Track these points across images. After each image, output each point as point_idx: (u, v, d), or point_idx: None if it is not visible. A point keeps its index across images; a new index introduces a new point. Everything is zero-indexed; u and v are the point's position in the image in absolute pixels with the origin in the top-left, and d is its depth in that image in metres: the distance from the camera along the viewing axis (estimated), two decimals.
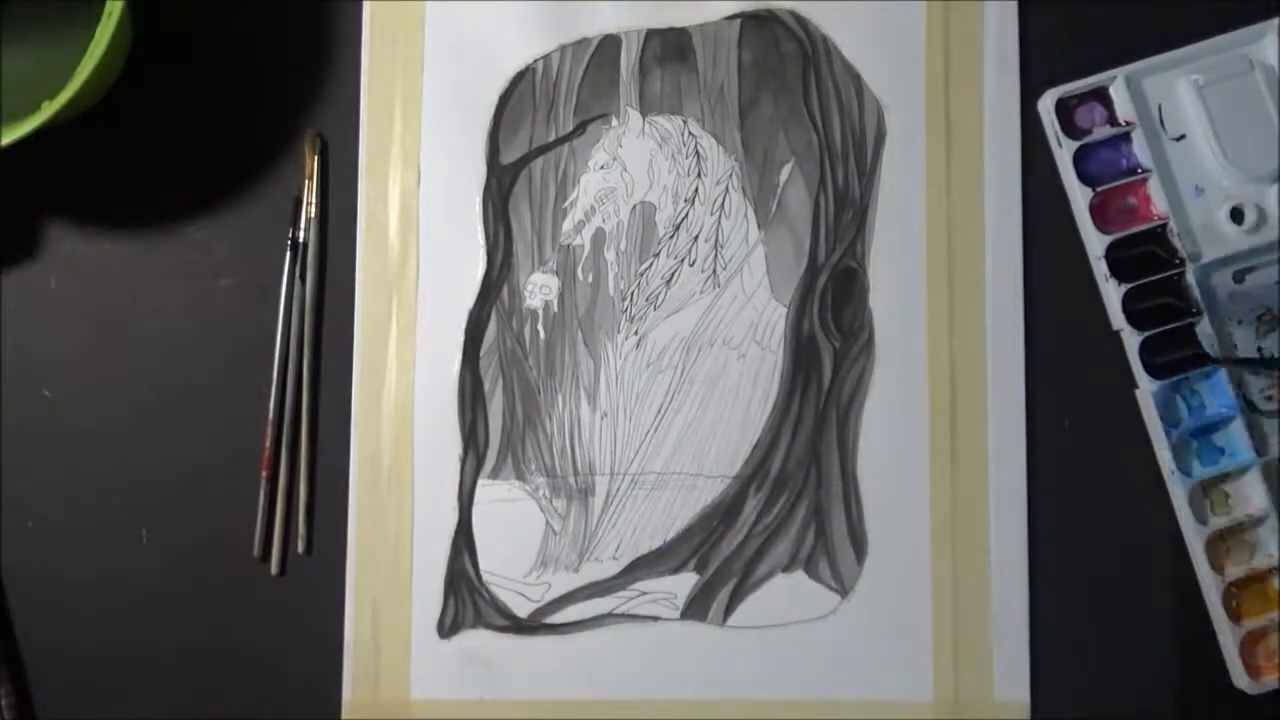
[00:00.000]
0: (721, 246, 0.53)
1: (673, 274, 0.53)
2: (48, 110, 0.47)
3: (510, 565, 0.52)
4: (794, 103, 0.53)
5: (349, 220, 0.53)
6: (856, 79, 0.53)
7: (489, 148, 0.53)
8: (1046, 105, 0.52)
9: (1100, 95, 0.53)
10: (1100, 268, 0.52)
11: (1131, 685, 0.52)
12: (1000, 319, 0.52)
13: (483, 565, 0.52)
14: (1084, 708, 0.51)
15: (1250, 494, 0.52)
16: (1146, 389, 0.51)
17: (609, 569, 0.52)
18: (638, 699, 0.51)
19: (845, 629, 0.51)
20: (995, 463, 0.52)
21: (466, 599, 0.52)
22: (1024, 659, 0.51)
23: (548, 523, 0.52)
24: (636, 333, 0.52)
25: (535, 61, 0.53)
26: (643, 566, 0.52)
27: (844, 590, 0.51)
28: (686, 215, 0.53)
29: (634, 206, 0.53)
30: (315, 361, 0.53)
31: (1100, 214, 0.52)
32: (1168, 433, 0.51)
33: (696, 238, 0.53)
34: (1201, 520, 0.51)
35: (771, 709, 0.51)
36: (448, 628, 0.52)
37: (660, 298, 0.53)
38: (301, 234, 0.53)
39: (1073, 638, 0.51)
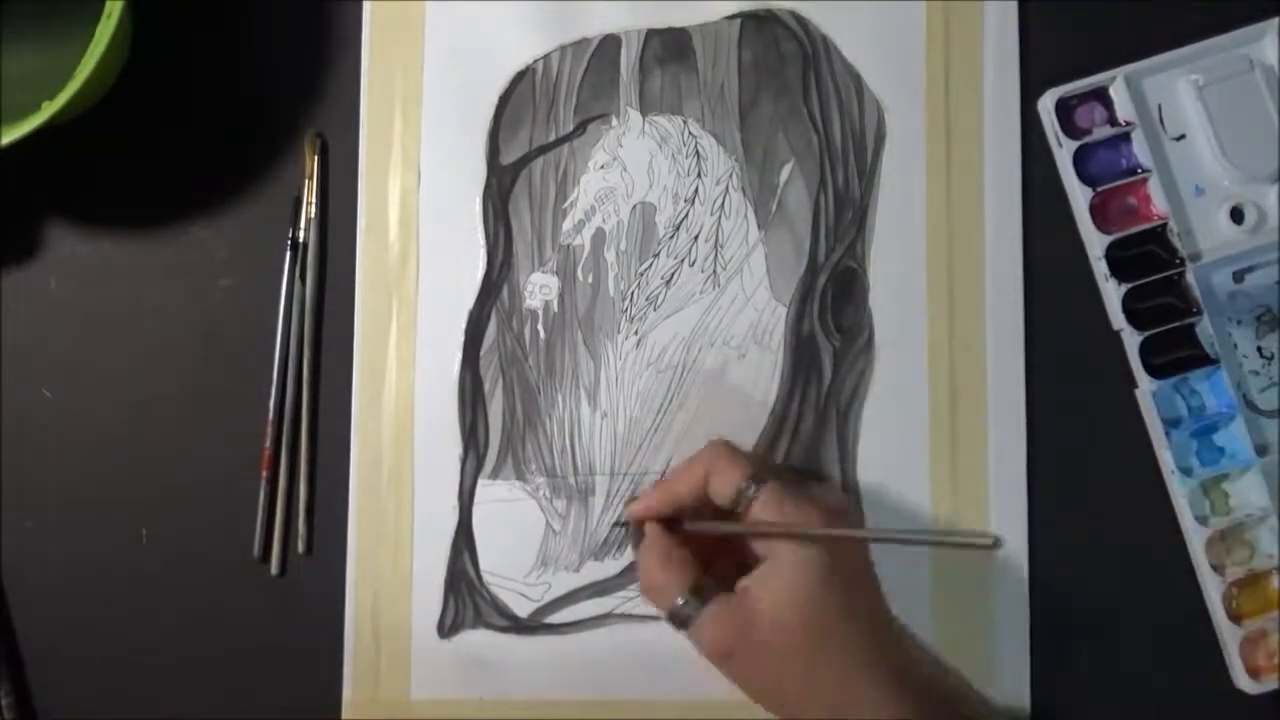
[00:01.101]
0: (721, 246, 0.53)
1: (673, 274, 0.53)
2: (48, 110, 0.47)
3: (510, 565, 0.52)
4: (794, 103, 0.53)
5: (349, 220, 0.53)
6: (856, 79, 0.53)
7: (489, 148, 0.53)
8: (1046, 105, 0.52)
9: (1100, 95, 0.53)
10: (1100, 268, 0.52)
11: (1132, 686, 0.52)
12: (1000, 319, 0.52)
13: (483, 565, 0.52)
14: (1084, 708, 0.51)
15: (1250, 494, 0.52)
16: (1146, 389, 0.51)
17: (609, 569, 0.52)
18: (638, 699, 0.51)
19: None
20: (995, 463, 0.51)
21: (466, 599, 0.52)
22: (1024, 659, 0.51)
23: (548, 523, 0.52)
24: (636, 333, 0.52)
25: (535, 61, 0.53)
26: None
27: None
28: (686, 215, 0.53)
29: (634, 206, 0.53)
30: (315, 361, 0.53)
31: (1100, 214, 0.52)
32: (1168, 433, 0.51)
33: (696, 238, 0.53)
34: (1201, 520, 0.51)
35: None
36: (448, 628, 0.52)
37: (660, 298, 0.53)
38: (301, 234, 0.53)
39: (1072, 638, 0.51)
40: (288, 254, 0.53)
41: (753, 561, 0.44)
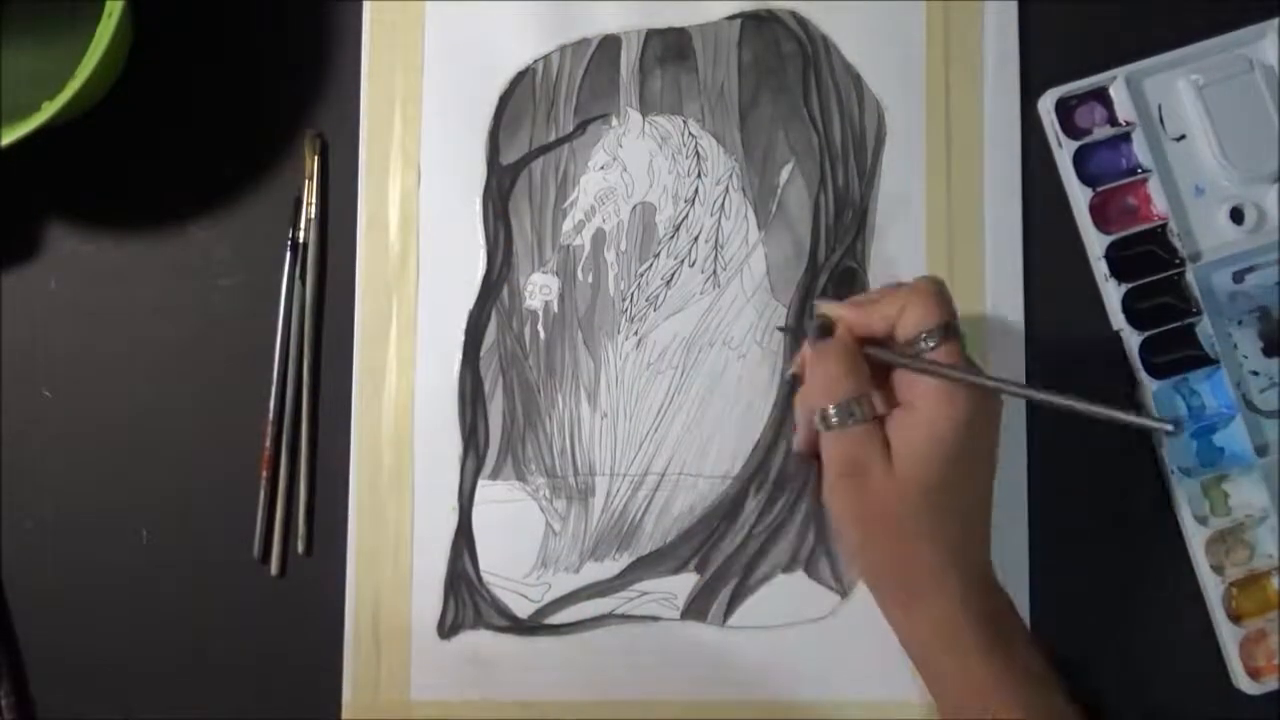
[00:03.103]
0: (721, 247, 0.53)
1: (673, 274, 0.53)
2: (48, 110, 0.47)
3: (510, 565, 0.52)
4: (794, 103, 0.53)
5: (349, 220, 0.53)
6: (856, 79, 0.53)
7: (489, 148, 0.53)
8: (1046, 105, 0.52)
9: (1100, 95, 0.53)
10: (1100, 268, 0.52)
11: (1132, 685, 0.52)
12: (1000, 319, 0.52)
13: (483, 565, 0.52)
14: (1084, 708, 0.51)
15: (1250, 494, 0.52)
16: (1146, 389, 0.51)
17: (609, 569, 0.52)
18: (638, 699, 0.51)
19: (845, 629, 0.51)
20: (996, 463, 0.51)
21: (466, 599, 0.52)
22: None
23: (548, 523, 0.52)
24: (636, 333, 0.52)
25: (535, 61, 0.53)
26: (643, 566, 0.52)
27: (844, 590, 0.51)
28: (686, 215, 0.53)
29: (634, 207, 0.53)
30: (315, 361, 0.53)
31: (1100, 214, 0.52)
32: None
33: (696, 238, 0.53)
34: (1201, 520, 0.51)
35: (771, 709, 0.51)
36: (448, 628, 0.52)
37: (660, 298, 0.53)
38: (301, 234, 0.53)
39: (1073, 638, 0.51)
40: (288, 254, 0.53)
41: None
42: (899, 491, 0.41)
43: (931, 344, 0.41)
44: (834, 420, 0.42)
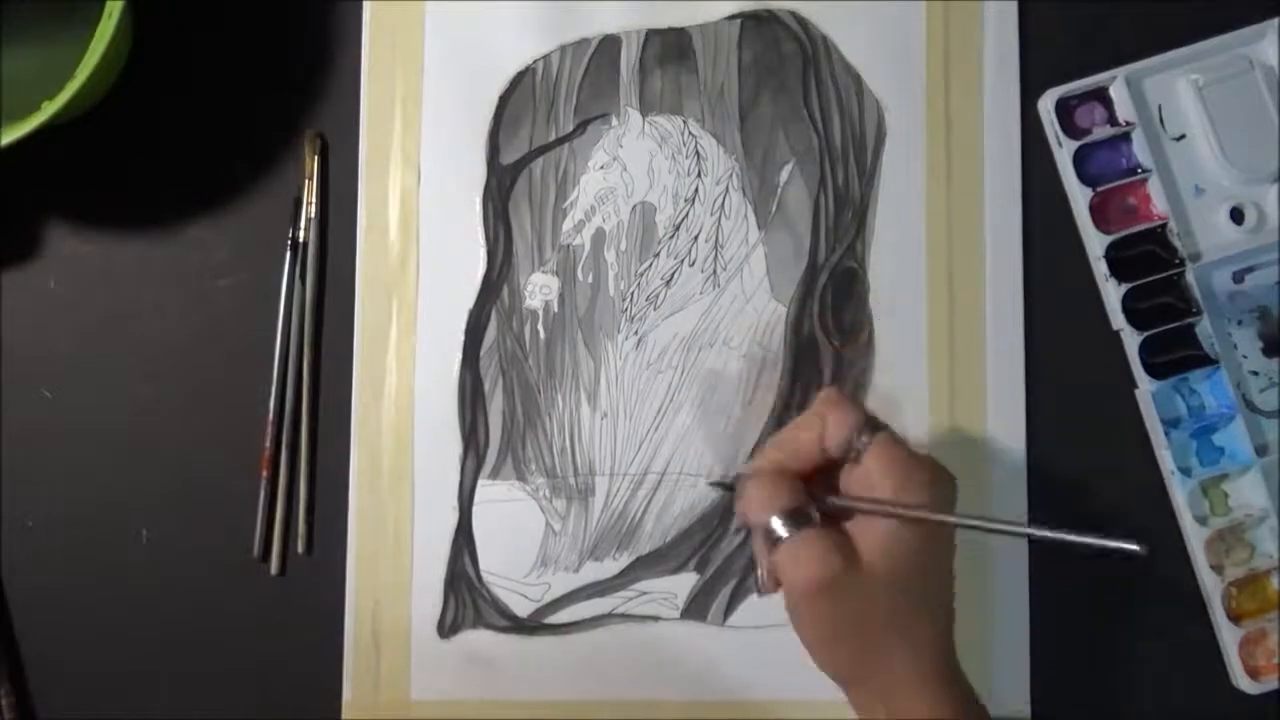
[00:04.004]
0: (721, 246, 0.53)
1: (673, 274, 0.53)
2: (48, 110, 0.47)
3: (510, 565, 0.52)
4: (794, 103, 0.53)
5: (349, 220, 0.53)
6: (856, 79, 0.53)
7: (489, 148, 0.53)
8: (1046, 105, 0.52)
9: (1100, 95, 0.53)
10: (1100, 268, 0.52)
11: (1132, 686, 0.52)
12: (1000, 319, 0.52)
13: (483, 565, 0.52)
14: (1084, 709, 0.51)
15: (1250, 494, 0.52)
16: (1146, 389, 0.51)
17: (609, 569, 0.52)
18: (638, 699, 0.51)
19: None
20: (995, 463, 0.51)
21: (466, 599, 0.52)
22: (1024, 660, 0.51)
23: (548, 523, 0.52)
24: (636, 333, 0.52)
25: (535, 61, 0.53)
26: (643, 566, 0.52)
27: None
28: (686, 215, 0.53)
29: (634, 206, 0.53)
30: (315, 361, 0.53)
31: (1100, 214, 0.52)
32: (1168, 433, 0.51)
33: (696, 238, 0.53)
34: (1201, 520, 0.51)
35: (771, 709, 0.51)
36: (448, 628, 0.52)
37: (660, 298, 0.53)
38: (301, 234, 0.53)
39: (1073, 639, 0.51)
40: (288, 254, 0.53)
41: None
42: (869, 593, 0.40)
43: (866, 440, 0.40)
44: (782, 532, 0.40)
